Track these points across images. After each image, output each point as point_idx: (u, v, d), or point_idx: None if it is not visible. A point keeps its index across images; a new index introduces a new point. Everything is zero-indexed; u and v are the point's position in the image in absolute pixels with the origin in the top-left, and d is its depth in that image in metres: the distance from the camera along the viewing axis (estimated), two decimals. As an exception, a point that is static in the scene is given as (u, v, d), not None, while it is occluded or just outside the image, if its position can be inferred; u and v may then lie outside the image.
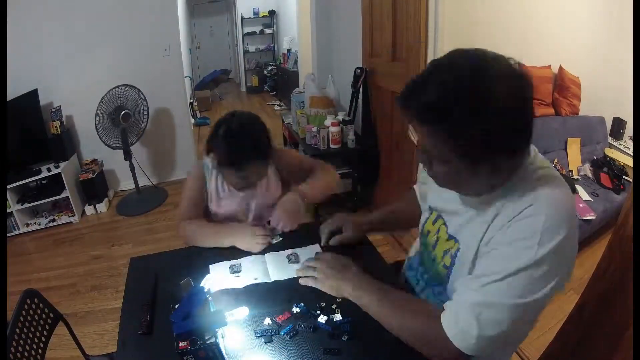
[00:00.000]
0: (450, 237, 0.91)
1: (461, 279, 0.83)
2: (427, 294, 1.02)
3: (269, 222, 1.32)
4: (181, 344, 0.79)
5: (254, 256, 1.19)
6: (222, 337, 0.88)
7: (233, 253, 1.20)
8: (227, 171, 1.26)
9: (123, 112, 3.04)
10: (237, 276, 1.11)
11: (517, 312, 0.71)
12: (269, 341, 0.88)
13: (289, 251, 1.19)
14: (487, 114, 0.65)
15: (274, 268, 1.13)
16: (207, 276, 1.05)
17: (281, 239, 1.26)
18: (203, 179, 1.39)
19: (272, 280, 1.09)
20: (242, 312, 0.97)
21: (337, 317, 0.93)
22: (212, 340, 0.79)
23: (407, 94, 0.71)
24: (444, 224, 0.95)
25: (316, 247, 1.21)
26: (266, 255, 1.19)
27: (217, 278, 1.10)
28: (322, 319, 0.93)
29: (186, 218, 1.34)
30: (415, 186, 1.22)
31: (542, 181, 0.75)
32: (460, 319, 0.75)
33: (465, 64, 0.68)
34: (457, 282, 0.84)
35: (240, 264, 1.15)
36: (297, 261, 1.15)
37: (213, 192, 1.39)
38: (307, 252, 1.18)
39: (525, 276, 0.70)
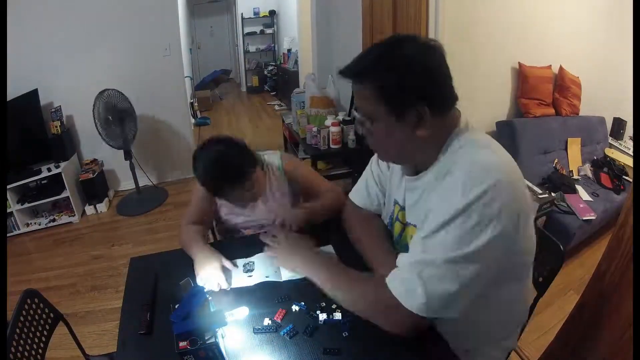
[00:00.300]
0: (409, 223, 0.95)
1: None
2: None
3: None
4: (181, 344, 0.79)
5: (266, 255, 1.18)
6: (222, 337, 0.88)
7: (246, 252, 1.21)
8: (220, 199, 1.32)
9: (109, 116, 3.01)
10: (250, 275, 1.12)
11: (454, 265, 0.73)
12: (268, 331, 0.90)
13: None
14: (402, 67, 0.77)
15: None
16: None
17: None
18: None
19: (283, 280, 1.09)
20: (242, 312, 0.97)
21: (337, 316, 0.93)
22: (212, 340, 0.79)
23: (346, 66, 0.83)
24: (403, 211, 0.98)
25: (330, 248, 1.19)
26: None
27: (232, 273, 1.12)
28: (322, 317, 0.93)
29: (189, 222, 1.34)
30: (352, 198, 1.20)
31: (467, 145, 0.81)
32: (404, 280, 0.78)
33: (386, 39, 0.83)
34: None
35: (253, 262, 1.17)
36: None
37: (221, 202, 1.41)
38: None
39: (455, 228, 0.73)
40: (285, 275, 1.10)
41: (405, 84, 0.77)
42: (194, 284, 1.05)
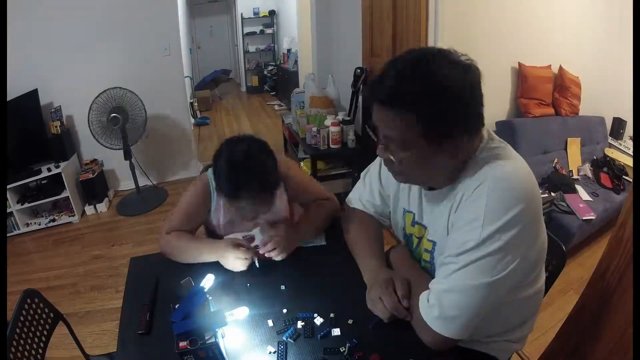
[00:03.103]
0: (427, 233, 0.95)
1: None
2: None
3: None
4: (181, 343, 0.79)
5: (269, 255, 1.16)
6: (222, 337, 0.88)
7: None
8: (231, 202, 1.17)
9: (113, 114, 3.00)
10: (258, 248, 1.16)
11: (476, 291, 0.75)
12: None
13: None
14: (442, 93, 0.71)
15: None
16: (208, 276, 1.05)
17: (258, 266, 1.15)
18: (207, 195, 1.27)
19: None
20: (242, 312, 0.97)
21: (336, 332, 0.92)
22: (212, 340, 0.79)
23: (372, 85, 0.78)
24: (420, 223, 0.97)
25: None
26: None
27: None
28: (319, 320, 0.93)
29: (173, 229, 1.23)
30: (354, 203, 1.18)
31: (491, 161, 0.79)
32: (432, 306, 0.80)
33: (417, 54, 0.76)
34: None
35: (254, 237, 1.24)
36: None
37: (215, 211, 1.29)
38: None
39: (480, 256, 0.74)
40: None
41: (447, 113, 0.72)
42: (194, 284, 1.05)
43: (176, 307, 0.88)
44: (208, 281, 1.03)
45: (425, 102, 0.71)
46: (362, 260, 1.06)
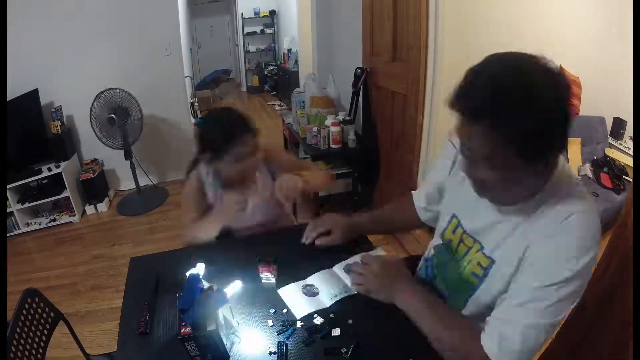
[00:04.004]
0: (479, 247, 0.89)
1: (502, 298, 0.81)
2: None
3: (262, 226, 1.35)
4: (183, 330, 0.79)
5: (323, 272, 1.09)
6: (232, 316, 0.90)
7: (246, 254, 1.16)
8: (225, 159, 1.28)
9: (110, 114, 3.01)
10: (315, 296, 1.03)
11: (544, 330, 0.74)
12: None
13: (350, 260, 1.12)
14: (542, 106, 0.64)
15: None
16: (198, 265, 1.04)
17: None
18: (201, 188, 1.40)
19: (355, 293, 1.01)
20: (236, 285, 0.99)
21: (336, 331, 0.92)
22: (213, 327, 0.80)
23: (459, 93, 0.69)
24: (465, 232, 0.94)
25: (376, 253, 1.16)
26: (335, 267, 1.11)
27: (294, 301, 1.00)
28: (318, 320, 0.93)
29: (195, 219, 1.35)
30: (415, 193, 1.19)
31: (577, 193, 0.75)
32: (501, 337, 0.76)
33: (510, 60, 0.69)
34: (497, 300, 0.83)
35: (313, 285, 1.05)
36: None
37: (212, 201, 1.40)
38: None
39: (556, 294, 0.72)
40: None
41: (545, 129, 0.65)
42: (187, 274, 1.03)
43: (180, 295, 0.87)
44: (199, 269, 1.01)
45: (524, 117, 0.64)
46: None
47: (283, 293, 1.03)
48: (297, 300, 1.00)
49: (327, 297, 1.00)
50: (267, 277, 1.07)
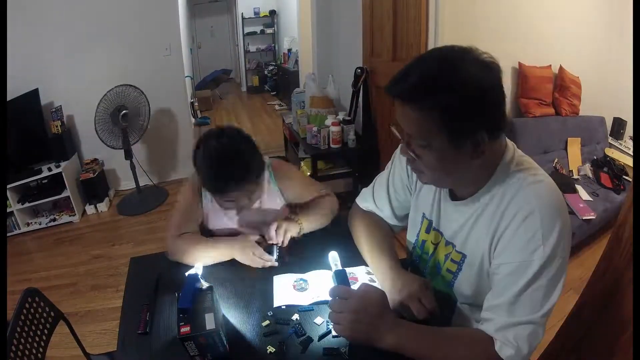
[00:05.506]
0: (448, 243, 0.94)
1: (489, 299, 0.82)
2: None
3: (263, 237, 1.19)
4: (183, 329, 0.79)
5: (323, 272, 1.08)
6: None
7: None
8: (214, 195, 1.19)
9: (123, 112, 3.04)
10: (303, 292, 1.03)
11: (543, 319, 0.77)
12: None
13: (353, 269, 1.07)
14: (464, 89, 0.71)
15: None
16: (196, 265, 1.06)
17: (277, 263, 1.13)
18: (199, 192, 1.28)
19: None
20: (197, 269, 1.01)
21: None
22: (213, 327, 0.80)
23: (395, 80, 0.76)
24: (437, 230, 0.97)
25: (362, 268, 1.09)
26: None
27: (280, 291, 1.02)
28: (318, 320, 0.94)
29: (180, 232, 1.21)
30: (377, 209, 1.16)
31: (526, 177, 0.79)
32: (512, 344, 0.76)
33: (441, 52, 0.77)
34: (486, 304, 0.82)
35: (306, 281, 1.05)
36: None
37: (208, 208, 1.29)
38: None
39: (541, 284, 0.75)
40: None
41: (468, 108, 0.72)
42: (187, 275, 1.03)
43: (179, 295, 0.87)
44: (199, 269, 1.02)
45: (447, 97, 0.71)
46: (374, 260, 1.03)
47: (276, 280, 1.06)
48: (283, 290, 1.03)
49: (309, 297, 1.00)
50: (276, 255, 1.12)
